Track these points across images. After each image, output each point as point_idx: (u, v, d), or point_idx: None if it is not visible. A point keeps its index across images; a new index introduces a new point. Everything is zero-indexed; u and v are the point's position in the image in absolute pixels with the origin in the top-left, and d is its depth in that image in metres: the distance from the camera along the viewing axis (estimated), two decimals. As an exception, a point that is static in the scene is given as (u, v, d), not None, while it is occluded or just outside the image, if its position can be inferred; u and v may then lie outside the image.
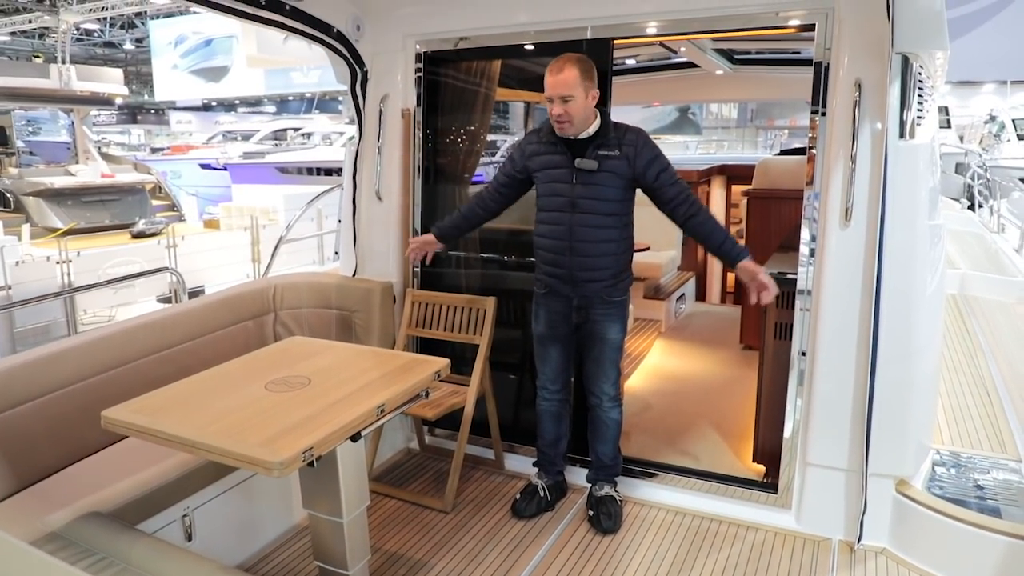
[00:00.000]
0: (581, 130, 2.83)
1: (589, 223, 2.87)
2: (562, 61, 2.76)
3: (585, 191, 2.84)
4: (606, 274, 2.92)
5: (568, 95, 2.73)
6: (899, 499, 2.78)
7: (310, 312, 3.58)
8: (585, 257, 2.90)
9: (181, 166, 21.75)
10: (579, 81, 2.72)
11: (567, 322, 3.04)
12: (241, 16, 3.09)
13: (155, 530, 2.39)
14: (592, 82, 2.77)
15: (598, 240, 2.89)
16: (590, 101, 2.79)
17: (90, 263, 9.13)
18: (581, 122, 2.80)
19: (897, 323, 2.69)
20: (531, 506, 3.15)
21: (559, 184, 2.89)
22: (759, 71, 5.78)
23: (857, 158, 2.70)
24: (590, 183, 2.84)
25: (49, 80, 13.53)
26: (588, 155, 2.82)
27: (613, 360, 3.06)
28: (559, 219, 2.90)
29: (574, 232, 2.88)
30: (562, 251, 2.92)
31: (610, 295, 2.96)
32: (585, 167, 2.83)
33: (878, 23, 2.61)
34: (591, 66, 2.79)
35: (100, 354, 2.81)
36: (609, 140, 2.83)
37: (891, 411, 2.73)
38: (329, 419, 2.05)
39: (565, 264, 2.93)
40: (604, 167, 2.82)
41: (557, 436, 3.24)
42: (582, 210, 2.86)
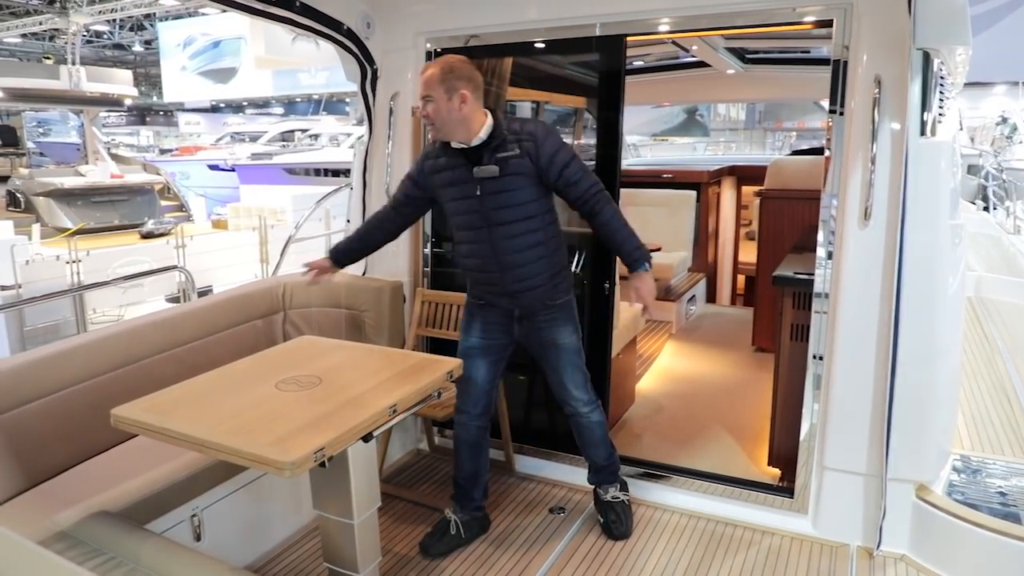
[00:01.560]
0: (452, 134, 2.61)
1: (510, 233, 2.66)
2: (434, 60, 2.66)
3: (495, 200, 2.62)
4: (542, 279, 2.73)
5: (427, 95, 2.54)
6: (919, 505, 2.73)
7: (319, 311, 3.55)
8: (515, 269, 2.70)
9: (189, 167, 21.80)
10: (437, 81, 2.52)
11: (505, 333, 2.85)
12: (252, 12, 3.07)
13: (164, 530, 2.36)
14: (462, 83, 2.53)
15: (524, 248, 2.68)
16: (456, 105, 2.54)
17: (99, 262, 9.15)
18: (447, 125, 2.57)
19: (918, 325, 2.63)
20: (441, 543, 2.87)
21: (467, 200, 2.67)
22: (771, 70, 5.73)
23: (876, 156, 2.66)
24: (498, 191, 2.61)
25: (59, 81, 13.59)
26: (486, 161, 2.60)
27: (574, 364, 2.88)
28: (478, 236, 2.70)
29: (497, 246, 2.67)
30: (490, 268, 2.73)
31: (551, 299, 2.78)
32: (485, 174, 2.60)
33: (898, 18, 2.57)
34: (464, 68, 2.57)
35: (109, 352, 2.78)
36: (506, 140, 2.60)
37: (911, 415, 2.68)
38: (340, 419, 2.01)
39: (496, 280, 2.74)
40: (507, 169, 2.59)
41: (475, 470, 2.97)
42: (498, 221, 2.65)
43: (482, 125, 2.60)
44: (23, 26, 21.42)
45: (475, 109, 2.58)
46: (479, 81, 2.61)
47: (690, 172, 6.65)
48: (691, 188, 6.35)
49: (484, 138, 2.60)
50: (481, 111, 2.61)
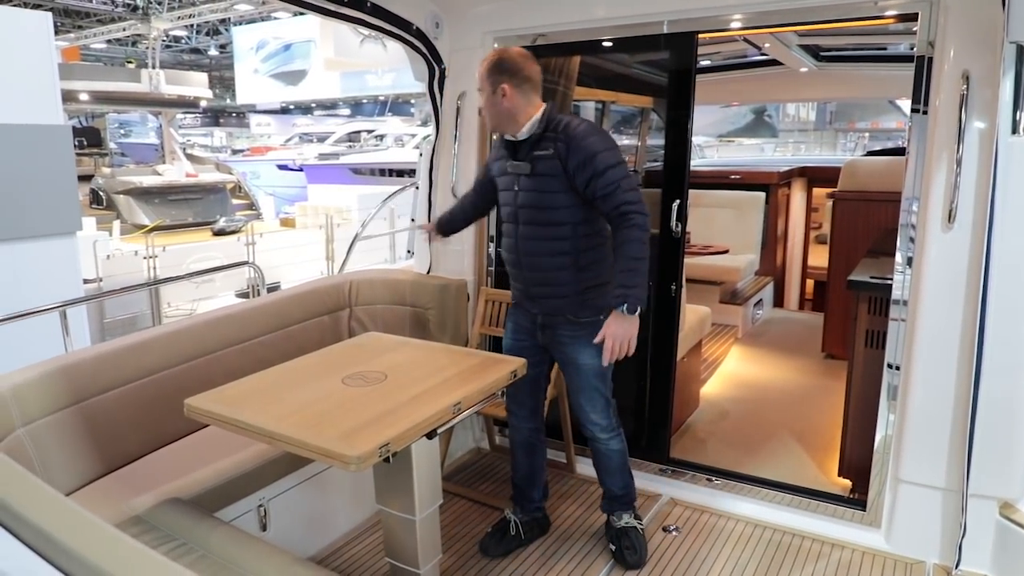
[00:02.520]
0: (499, 127, 2.59)
1: (533, 234, 2.57)
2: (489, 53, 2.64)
3: (525, 198, 2.57)
4: (566, 290, 2.58)
5: (479, 87, 2.57)
6: (1003, 523, 2.58)
7: (385, 308, 3.59)
8: (535, 271, 2.62)
9: (260, 167, 22.46)
10: (484, 75, 2.52)
11: (531, 337, 2.74)
12: (324, 13, 3.13)
13: (232, 518, 2.42)
14: (504, 77, 2.48)
15: (546, 253, 2.57)
16: (498, 99, 2.50)
17: (174, 258, 9.51)
18: (492, 118, 2.58)
19: (1005, 334, 2.49)
20: (500, 544, 2.84)
21: (507, 192, 2.65)
22: (847, 68, 5.54)
23: (963, 157, 2.53)
24: (529, 189, 2.55)
25: (140, 84, 14.21)
26: (521, 157, 2.55)
27: (594, 387, 2.69)
28: (509, 230, 2.66)
29: (520, 245, 2.62)
30: (515, 264, 2.67)
31: (577, 315, 2.60)
32: (517, 170, 2.57)
33: (989, 11, 2.44)
34: (510, 61, 2.52)
35: (183, 344, 2.87)
36: (544, 138, 2.51)
37: (996, 428, 2.54)
38: (405, 415, 2.02)
39: (519, 278, 2.69)
40: (538, 169, 2.51)
41: (531, 471, 2.92)
42: (524, 220, 2.58)
43: (529, 119, 2.53)
44: (108, 32, 22.44)
45: (521, 103, 2.52)
46: (528, 74, 2.53)
47: (759, 173, 6.48)
48: (760, 190, 6.19)
49: (527, 134, 2.54)
50: (532, 105, 2.54)
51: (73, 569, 1.03)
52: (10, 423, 2.27)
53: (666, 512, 3.13)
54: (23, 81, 4.78)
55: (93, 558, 1.09)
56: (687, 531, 2.99)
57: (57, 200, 4.93)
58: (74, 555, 1.07)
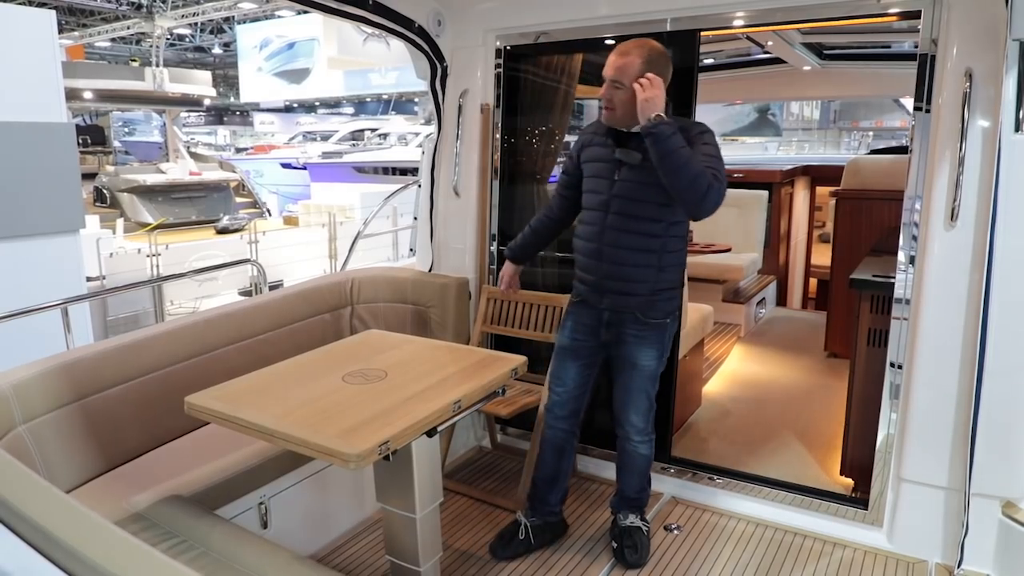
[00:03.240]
0: (625, 122, 2.50)
1: (623, 226, 2.53)
2: (632, 45, 2.47)
3: (624, 188, 2.52)
4: (642, 288, 2.56)
5: (618, 82, 2.45)
6: (1006, 522, 2.57)
7: (386, 306, 3.59)
8: (616, 265, 2.56)
9: (263, 165, 22.47)
10: (635, 72, 2.41)
11: (594, 336, 2.70)
12: (327, 11, 3.13)
13: (233, 516, 2.42)
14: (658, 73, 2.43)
15: (632, 248, 2.54)
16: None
17: (177, 256, 9.52)
18: (628, 116, 2.46)
19: (1007, 333, 2.48)
20: (509, 547, 2.80)
21: (599, 179, 2.59)
22: (850, 67, 5.53)
23: (965, 155, 2.52)
24: (632, 180, 2.50)
25: (144, 82, 14.22)
26: (633, 145, 2.48)
27: (644, 390, 2.69)
28: (593, 218, 2.60)
29: (605, 235, 2.55)
30: (592, 254, 2.60)
31: (646, 314, 2.59)
32: (627, 159, 2.49)
33: (992, 8, 2.43)
34: (664, 61, 2.47)
35: (185, 341, 2.87)
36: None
37: (998, 428, 2.53)
38: (405, 413, 2.03)
39: (594, 270, 2.61)
40: (647, 160, 2.43)
41: (556, 472, 2.85)
42: (617, 210, 2.53)
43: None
44: (112, 31, 22.48)
45: None
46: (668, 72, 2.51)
47: (762, 172, 6.46)
48: (763, 188, 6.17)
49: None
50: None
51: (73, 566, 1.03)
52: (11, 420, 2.27)
53: (667, 511, 3.13)
54: (27, 79, 4.79)
55: (93, 555, 1.09)
56: (688, 530, 2.99)
57: (60, 198, 4.94)
58: (74, 552, 1.07)
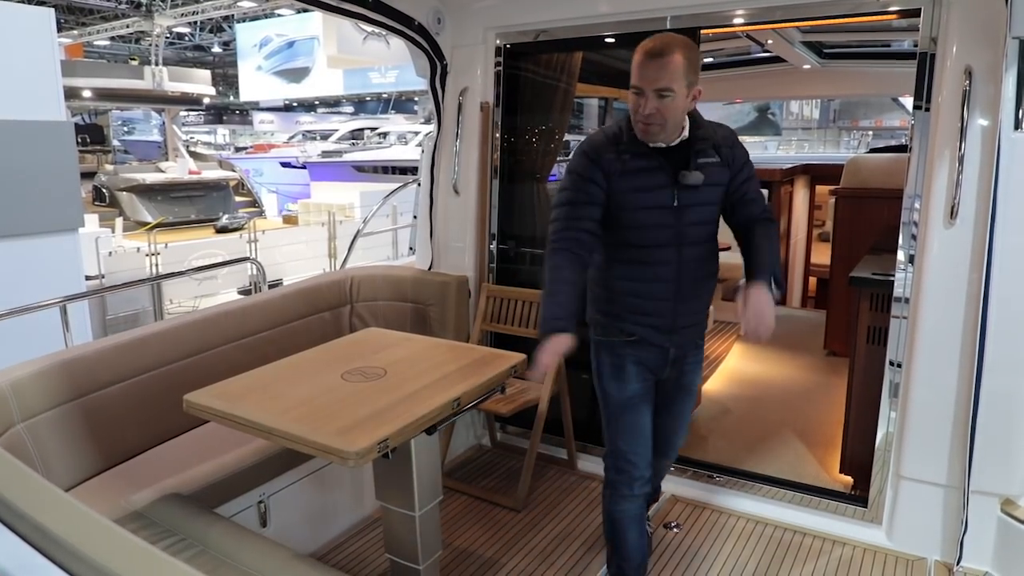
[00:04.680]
0: (673, 136, 2.11)
1: (699, 256, 2.20)
2: (662, 42, 2.02)
3: (692, 215, 2.14)
4: (702, 316, 2.34)
5: (667, 89, 1.98)
6: (1004, 519, 2.57)
7: (386, 304, 3.59)
8: (693, 300, 2.24)
9: (263, 164, 22.42)
10: (683, 72, 2.00)
11: (655, 376, 2.33)
12: (327, 9, 3.13)
13: (232, 514, 2.42)
14: (697, 75, 2.06)
15: (706, 276, 2.26)
16: (688, 103, 2.07)
17: (176, 255, 9.51)
18: (675, 126, 2.08)
19: (1006, 331, 2.48)
20: None
21: (659, 211, 2.12)
22: (850, 65, 5.53)
23: (965, 153, 2.52)
24: (694, 203, 2.14)
25: (143, 81, 14.19)
26: (692, 166, 2.11)
27: (690, 411, 2.53)
28: (661, 256, 2.15)
29: (684, 273, 2.16)
30: (666, 297, 2.18)
31: (702, 336, 2.41)
32: (692, 181, 2.10)
33: (991, 6, 2.43)
34: (697, 54, 2.11)
35: (183, 339, 2.87)
36: (699, 139, 2.14)
37: (997, 425, 2.53)
38: (405, 411, 2.02)
39: (667, 312, 2.20)
40: (708, 179, 2.13)
41: (644, 551, 2.45)
42: (691, 241, 2.16)
43: (682, 123, 2.14)
44: (111, 29, 22.46)
45: None
46: None
47: (762, 171, 6.41)
48: (763, 187, 6.14)
49: (686, 137, 2.14)
50: None
51: (71, 565, 1.03)
52: (9, 418, 2.27)
53: (667, 509, 3.13)
54: (26, 77, 4.78)
55: (91, 553, 1.08)
56: (688, 528, 2.99)
57: (59, 197, 4.93)
58: (73, 550, 1.07)
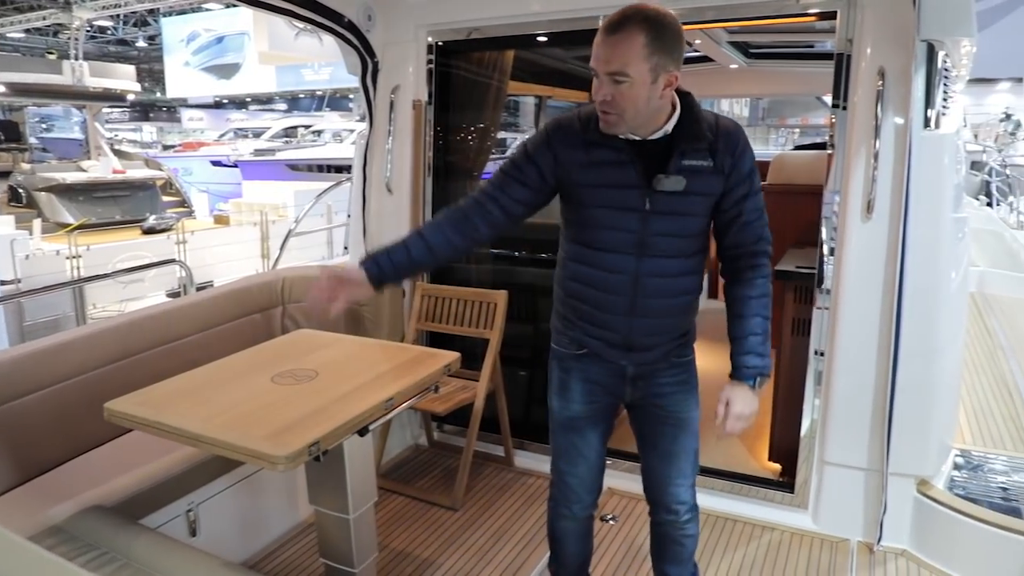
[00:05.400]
0: (640, 128, 1.79)
1: (664, 271, 1.87)
2: (622, 15, 1.68)
3: (664, 225, 1.83)
4: (676, 333, 1.98)
5: (619, 73, 1.67)
6: (920, 500, 2.71)
7: (319, 305, 3.53)
8: (652, 319, 1.91)
9: (192, 163, 21.79)
10: (642, 53, 1.66)
11: (614, 396, 2.07)
12: (254, 4, 3.06)
13: (159, 525, 2.35)
14: (670, 57, 1.69)
15: (672, 294, 1.91)
16: (658, 90, 1.71)
17: (100, 258, 9.14)
18: (638, 117, 1.76)
19: (920, 320, 2.61)
20: None
21: (624, 214, 1.83)
22: (775, 65, 5.69)
23: (879, 151, 2.63)
24: (670, 212, 1.82)
25: (62, 76, 13.61)
26: (672, 167, 1.79)
27: (692, 450, 2.09)
28: (617, 263, 1.87)
29: (641, 286, 1.87)
30: (618, 310, 1.91)
31: (680, 354, 2.03)
32: (667, 187, 1.79)
33: (902, 10, 2.54)
34: (673, 33, 1.71)
35: (105, 345, 2.77)
36: (697, 141, 1.80)
37: (912, 410, 2.66)
38: (336, 413, 1.99)
39: (620, 327, 1.93)
40: (693, 185, 1.80)
41: (584, 557, 2.33)
42: (657, 252, 1.85)
43: (672, 112, 1.82)
44: (26, 21, 21.43)
45: (672, 92, 1.79)
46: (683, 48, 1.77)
47: None
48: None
49: (669, 132, 1.82)
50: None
51: (-23, 584, 0.98)
52: (-85, 432, 2.15)
53: (603, 502, 3.17)
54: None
55: (3, 573, 1.04)
56: (624, 519, 3.04)
57: (-31, 197, 4.68)
58: (-22, 569, 1.02)
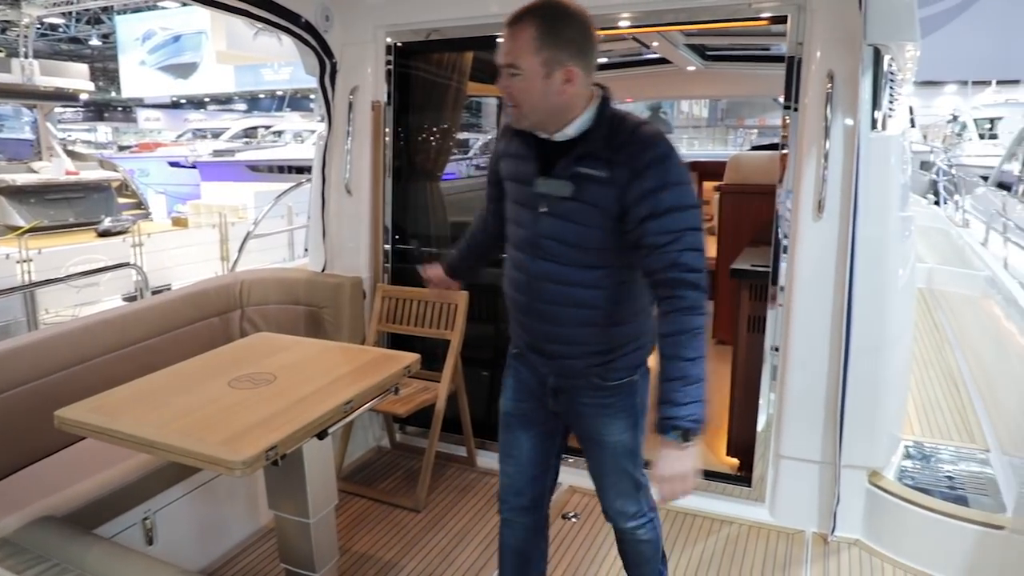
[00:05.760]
0: (546, 125, 1.78)
1: (556, 276, 1.83)
2: (521, 8, 1.72)
3: (551, 228, 1.80)
4: (587, 350, 1.89)
5: (511, 66, 1.71)
6: (871, 490, 2.79)
7: (278, 308, 3.50)
8: (549, 325, 1.89)
9: (149, 164, 21.37)
10: (533, 46, 1.68)
11: (539, 403, 2.04)
12: (208, 4, 3.01)
13: (114, 534, 2.31)
14: (565, 51, 1.69)
15: (566, 303, 1.85)
16: (557, 86, 1.71)
17: (52, 261, 8.90)
18: (537, 113, 1.76)
19: (869, 316, 2.69)
20: None
21: (522, 209, 1.87)
22: (731, 67, 5.79)
23: (829, 151, 2.70)
24: (561, 216, 1.78)
25: (11, 75, 13.22)
26: (559, 171, 1.77)
27: (621, 470, 2.06)
28: (519, 261, 1.90)
29: (535, 288, 1.87)
30: (523, 309, 1.93)
31: (604, 377, 1.93)
32: (542, 190, 1.79)
33: (850, 15, 2.61)
34: (576, 25, 1.71)
35: (57, 352, 2.70)
36: (599, 149, 1.74)
37: (863, 403, 2.73)
38: (294, 416, 1.98)
39: (528, 328, 1.95)
40: (581, 193, 1.75)
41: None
42: (547, 256, 1.82)
43: (580, 113, 1.77)
44: (-28, 18, 20.76)
45: (582, 89, 1.75)
46: (594, 45, 1.75)
47: None
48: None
49: (572, 135, 1.78)
50: (588, 90, 1.78)
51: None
52: None
53: (565, 500, 3.20)
54: None
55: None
56: (585, 517, 3.07)
57: (-88, 201, 4.54)
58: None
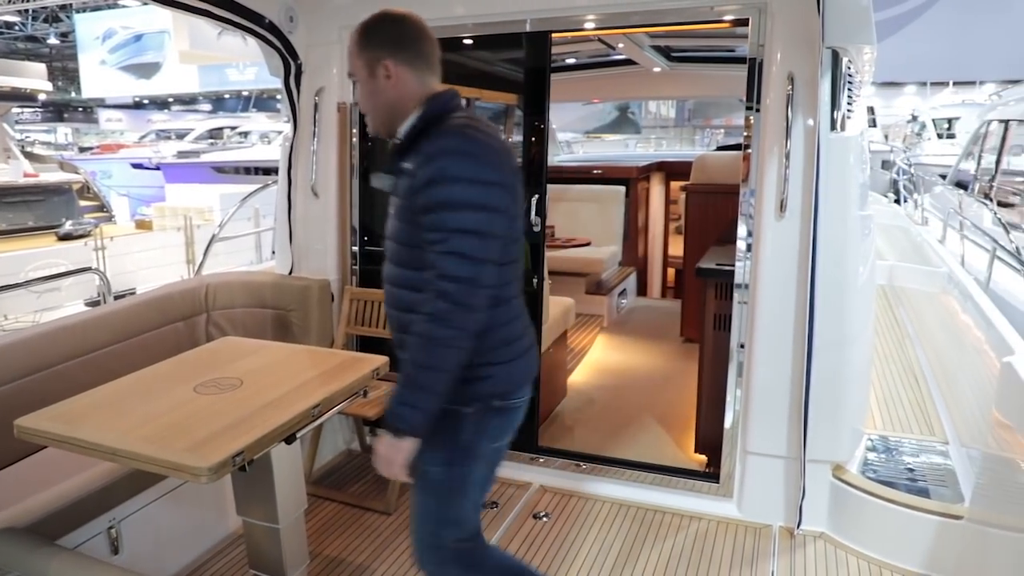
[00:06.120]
0: (385, 126, 1.84)
1: (391, 277, 1.84)
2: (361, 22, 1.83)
3: (390, 226, 1.83)
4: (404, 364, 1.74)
5: (351, 73, 1.84)
6: (836, 484, 2.85)
7: (244, 312, 3.46)
8: (396, 331, 1.87)
9: (111, 166, 20.94)
10: (356, 51, 1.80)
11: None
12: (169, 4, 2.97)
13: (77, 544, 2.26)
14: (385, 49, 1.76)
15: (400, 307, 1.81)
16: (380, 83, 1.78)
17: (10, 266, 8.67)
18: (377, 114, 1.83)
19: (831, 312, 2.74)
20: None
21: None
22: (695, 69, 5.87)
23: (791, 152, 2.75)
24: (393, 214, 1.81)
25: (-36, 75, 12.88)
26: (389, 167, 1.84)
27: (422, 510, 1.89)
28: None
29: (385, 291, 1.89)
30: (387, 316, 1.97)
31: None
32: (375, 184, 1.91)
33: (810, 18, 2.66)
34: (391, 24, 1.78)
35: (16, 359, 2.65)
36: (414, 143, 1.75)
37: (826, 398, 2.79)
38: (262, 421, 1.97)
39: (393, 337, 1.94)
40: (397, 188, 1.77)
41: None
42: (390, 255, 1.85)
43: (411, 113, 1.80)
44: (-76, 17, 20.21)
45: (410, 86, 1.79)
46: (422, 45, 1.80)
47: (619, 168, 6.74)
48: (620, 184, 6.44)
49: (402, 135, 1.81)
50: (423, 88, 1.80)
51: None
52: None
53: (536, 499, 3.21)
54: None
55: None
56: (556, 516, 3.08)
57: None
58: None
